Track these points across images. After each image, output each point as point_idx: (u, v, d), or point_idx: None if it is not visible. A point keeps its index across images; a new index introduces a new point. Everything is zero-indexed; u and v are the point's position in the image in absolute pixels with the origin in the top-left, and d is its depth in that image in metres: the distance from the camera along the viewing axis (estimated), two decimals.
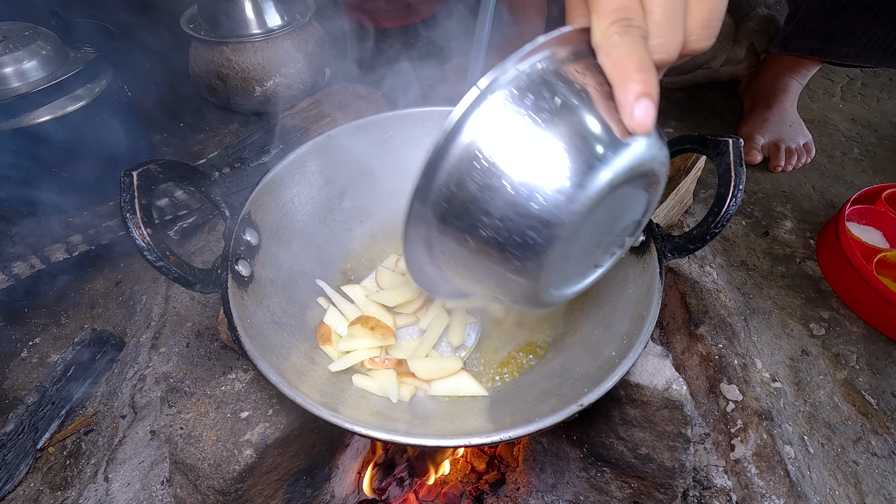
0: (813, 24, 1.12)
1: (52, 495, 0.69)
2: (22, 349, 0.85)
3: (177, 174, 0.50)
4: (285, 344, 0.55)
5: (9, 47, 0.89)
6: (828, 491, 0.69)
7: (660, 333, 0.89)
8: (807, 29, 1.13)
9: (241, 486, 0.52)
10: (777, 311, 0.91)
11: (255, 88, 1.23)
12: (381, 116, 0.72)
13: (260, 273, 0.57)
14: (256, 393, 0.56)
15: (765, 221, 1.08)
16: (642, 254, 0.57)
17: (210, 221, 0.98)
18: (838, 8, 1.06)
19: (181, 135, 1.27)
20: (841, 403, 0.80)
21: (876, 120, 1.38)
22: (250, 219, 0.58)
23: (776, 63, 1.27)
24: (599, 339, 0.57)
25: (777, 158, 1.18)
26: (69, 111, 0.93)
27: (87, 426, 0.75)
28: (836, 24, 1.08)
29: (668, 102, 1.40)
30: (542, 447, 0.70)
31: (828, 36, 1.10)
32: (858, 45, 1.07)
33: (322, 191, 0.70)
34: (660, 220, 0.88)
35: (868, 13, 1.02)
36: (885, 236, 1.01)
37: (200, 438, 0.52)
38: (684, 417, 0.57)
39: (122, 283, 0.94)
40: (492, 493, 0.74)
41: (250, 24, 1.19)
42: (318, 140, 0.68)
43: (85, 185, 1.00)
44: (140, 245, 0.44)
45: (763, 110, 1.24)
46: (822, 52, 1.14)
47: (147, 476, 0.66)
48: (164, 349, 0.79)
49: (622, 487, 0.64)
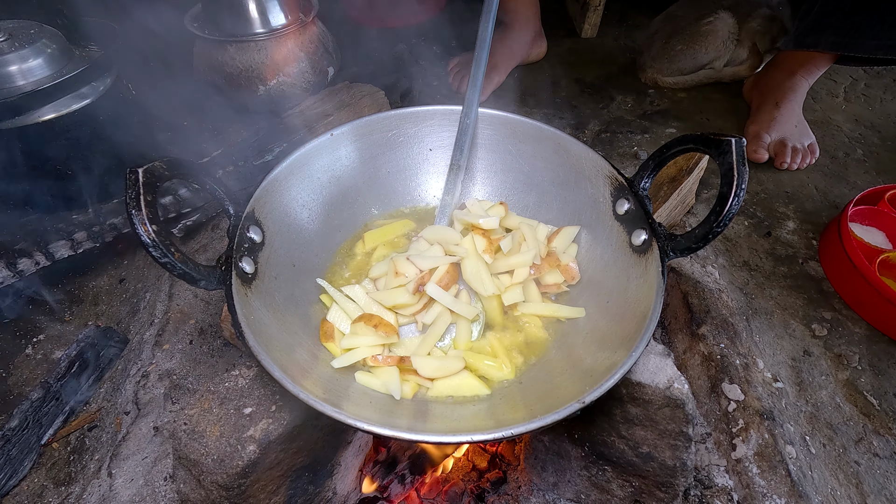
0: (831, 19, 1.11)
1: (56, 490, 0.70)
2: (26, 345, 0.86)
3: (182, 172, 0.50)
4: (288, 340, 0.55)
5: (14, 45, 0.89)
6: (829, 491, 0.69)
7: (661, 333, 0.89)
8: (825, 24, 1.12)
9: (244, 481, 0.53)
10: (779, 312, 0.91)
11: (258, 87, 1.23)
12: (383, 115, 0.73)
13: (263, 270, 0.58)
14: (260, 389, 0.56)
15: (767, 222, 1.08)
16: (644, 253, 0.57)
17: (213, 219, 0.98)
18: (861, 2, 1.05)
19: (185, 133, 1.27)
20: (843, 404, 0.79)
21: (879, 121, 1.38)
22: (254, 216, 0.58)
23: (788, 61, 1.26)
24: (601, 338, 0.57)
25: (784, 155, 1.18)
26: (74, 109, 0.93)
27: (91, 422, 0.75)
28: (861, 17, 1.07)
29: (670, 102, 1.40)
30: (544, 445, 0.70)
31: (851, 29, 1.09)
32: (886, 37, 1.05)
33: (325, 189, 0.70)
34: (662, 220, 0.88)
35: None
36: (888, 237, 1.00)
37: (204, 434, 0.53)
38: (686, 416, 0.57)
39: (126, 280, 0.95)
40: (493, 491, 0.74)
41: (254, 23, 1.19)
42: (322, 139, 0.69)
43: (89, 182, 1.00)
44: (145, 241, 0.44)
45: (771, 109, 1.24)
46: (844, 46, 1.12)
47: (150, 472, 0.67)
48: (168, 346, 0.79)
49: (623, 486, 0.65)
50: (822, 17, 1.12)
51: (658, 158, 0.59)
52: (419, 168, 0.77)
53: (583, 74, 1.51)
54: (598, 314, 0.61)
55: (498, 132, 0.74)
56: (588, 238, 0.68)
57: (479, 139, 0.75)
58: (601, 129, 1.31)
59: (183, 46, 1.32)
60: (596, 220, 0.66)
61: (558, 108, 1.38)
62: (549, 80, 1.48)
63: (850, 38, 1.10)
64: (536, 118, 0.74)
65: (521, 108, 1.38)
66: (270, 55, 1.21)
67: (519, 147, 0.73)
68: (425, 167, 0.77)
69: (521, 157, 0.74)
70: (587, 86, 1.47)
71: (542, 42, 1.52)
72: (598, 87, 1.47)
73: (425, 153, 0.76)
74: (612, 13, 1.75)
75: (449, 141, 0.76)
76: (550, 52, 1.55)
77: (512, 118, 0.72)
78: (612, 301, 0.60)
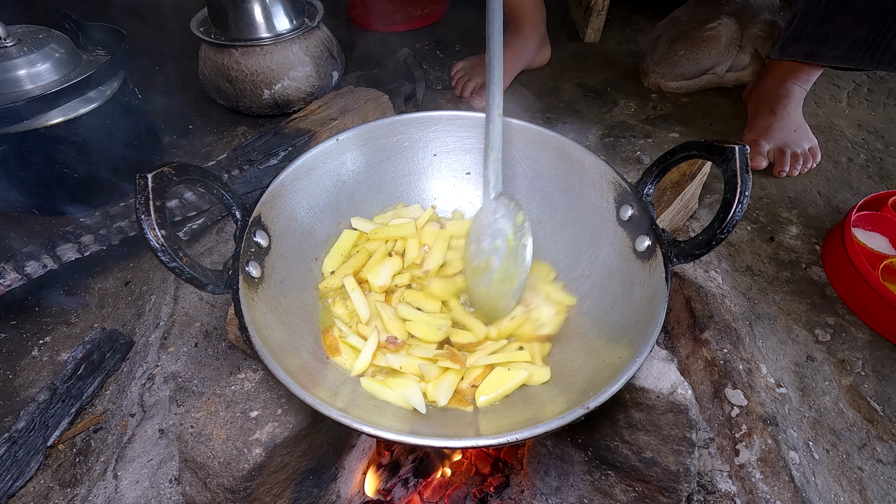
0: (808, 29, 1.13)
1: (62, 492, 0.70)
2: (33, 347, 0.86)
3: (190, 176, 0.51)
4: (294, 344, 0.55)
5: (23, 50, 0.91)
6: (832, 497, 0.69)
7: (665, 338, 0.90)
8: (802, 33, 1.15)
9: (250, 484, 0.53)
10: (782, 317, 0.91)
11: (263, 91, 1.24)
12: (388, 120, 0.73)
13: (269, 274, 0.58)
14: (266, 393, 0.57)
15: (770, 227, 1.08)
16: (648, 258, 0.58)
17: (218, 222, 0.99)
18: (831, 11, 1.07)
19: (190, 137, 1.28)
20: (846, 409, 0.79)
21: (882, 126, 1.38)
22: (261, 221, 0.59)
23: (778, 68, 1.27)
24: (605, 343, 0.57)
25: (782, 164, 1.18)
26: (81, 113, 0.94)
27: (97, 424, 0.76)
28: (829, 26, 1.10)
29: (673, 107, 1.41)
30: (547, 450, 0.70)
31: (819, 39, 1.12)
32: (842, 46, 1.08)
33: (330, 193, 0.71)
34: (665, 225, 0.89)
35: (855, 15, 1.04)
36: (891, 242, 1.01)
37: (211, 437, 0.53)
38: (689, 421, 0.57)
39: (132, 283, 0.95)
40: (496, 495, 0.74)
41: (259, 27, 1.20)
42: (327, 144, 0.69)
43: (96, 186, 1.01)
44: (154, 246, 0.45)
45: (767, 116, 1.24)
46: (813, 55, 1.15)
47: (156, 474, 0.67)
48: (173, 349, 0.80)
49: (626, 491, 0.65)
50: (801, 27, 1.15)
51: (661, 165, 0.59)
52: (423, 173, 0.77)
53: (585, 79, 1.51)
54: (601, 319, 0.61)
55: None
56: (591, 244, 0.68)
57: (482, 144, 0.76)
58: (604, 134, 1.32)
59: (189, 51, 1.34)
60: (599, 225, 0.66)
61: (561, 112, 1.39)
62: (551, 85, 1.49)
63: (818, 47, 1.13)
64: (539, 123, 0.75)
65: (523, 113, 1.38)
66: (276, 59, 1.22)
67: (522, 152, 0.74)
68: (430, 172, 0.78)
69: (524, 162, 0.74)
70: (590, 90, 1.47)
71: (547, 48, 1.52)
72: (601, 91, 1.47)
73: (430, 158, 0.77)
74: (614, 18, 1.76)
75: (453, 146, 0.76)
76: (553, 56, 1.55)
77: (515, 123, 0.73)
78: (616, 306, 0.60)
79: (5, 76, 0.89)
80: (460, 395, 0.57)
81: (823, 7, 1.08)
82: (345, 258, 0.69)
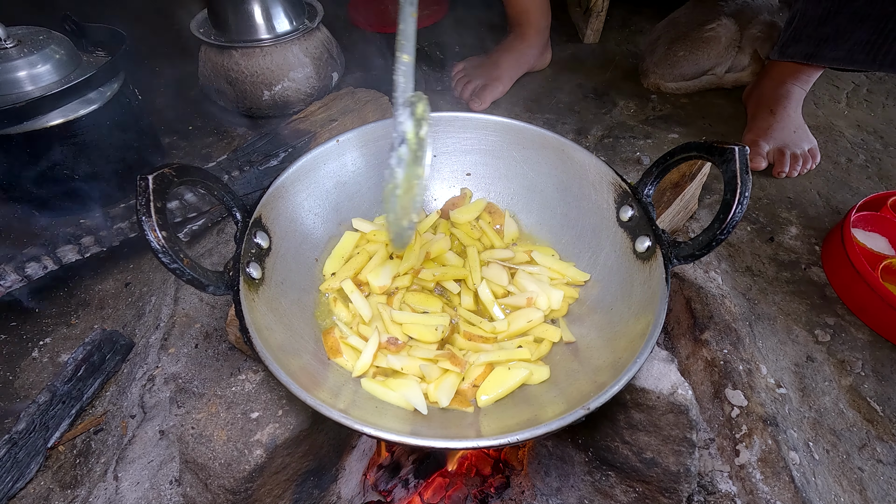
0: (808, 30, 1.13)
1: (63, 493, 0.70)
2: (33, 349, 0.86)
3: (190, 178, 0.51)
4: (295, 345, 0.55)
5: (23, 51, 0.90)
6: (833, 497, 0.69)
7: (665, 338, 0.90)
8: (802, 34, 1.15)
9: (250, 485, 0.53)
10: (782, 317, 0.91)
11: (263, 92, 1.24)
12: (388, 121, 0.73)
13: (270, 275, 0.58)
14: (266, 394, 0.57)
15: (770, 227, 1.08)
16: (648, 259, 0.58)
17: (218, 223, 0.99)
18: (831, 12, 1.07)
19: (190, 138, 1.28)
20: (846, 410, 0.80)
21: (882, 126, 1.38)
22: (261, 222, 0.59)
23: (777, 69, 1.28)
24: (605, 344, 0.57)
25: (781, 165, 1.18)
26: (81, 115, 0.94)
27: (97, 425, 0.76)
28: (828, 28, 1.10)
29: (673, 108, 1.41)
30: (547, 451, 0.70)
31: (820, 40, 1.12)
32: (844, 48, 1.08)
33: (331, 194, 0.71)
34: (665, 226, 0.89)
35: (856, 16, 1.04)
36: (891, 243, 1.01)
37: (212, 438, 0.53)
38: (689, 422, 0.58)
39: (132, 284, 0.95)
40: (496, 496, 0.74)
41: (259, 28, 1.20)
42: (328, 145, 0.69)
43: (96, 187, 1.01)
44: (155, 248, 0.45)
45: (766, 117, 1.25)
46: (813, 56, 1.15)
47: (156, 475, 0.67)
48: (173, 350, 0.80)
49: (627, 491, 0.65)
50: (800, 27, 1.15)
51: (661, 166, 0.59)
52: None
53: (585, 80, 1.52)
54: (602, 320, 0.61)
55: (501, 138, 0.75)
56: (591, 244, 0.68)
57: (482, 145, 0.76)
58: (604, 135, 1.32)
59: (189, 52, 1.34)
60: (599, 226, 0.67)
61: (561, 113, 1.39)
62: (551, 86, 1.49)
63: (818, 48, 1.13)
64: (539, 124, 0.75)
65: (523, 113, 1.38)
66: (276, 61, 1.22)
67: (522, 153, 0.74)
68: (430, 173, 0.78)
69: (524, 163, 0.74)
70: (589, 91, 1.48)
71: (549, 52, 1.52)
72: (601, 92, 1.47)
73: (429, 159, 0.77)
74: (614, 19, 1.76)
75: (453, 147, 0.76)
76: (553, 57, 1.55)
77: (515, 124, 0.73)
78: (616, 307, 0.60)
79: (5, 77, 0.89)
80: (461, 396, 0.57)
81: (823, 8, 1.09)
82: (345, 260, 0.69)
